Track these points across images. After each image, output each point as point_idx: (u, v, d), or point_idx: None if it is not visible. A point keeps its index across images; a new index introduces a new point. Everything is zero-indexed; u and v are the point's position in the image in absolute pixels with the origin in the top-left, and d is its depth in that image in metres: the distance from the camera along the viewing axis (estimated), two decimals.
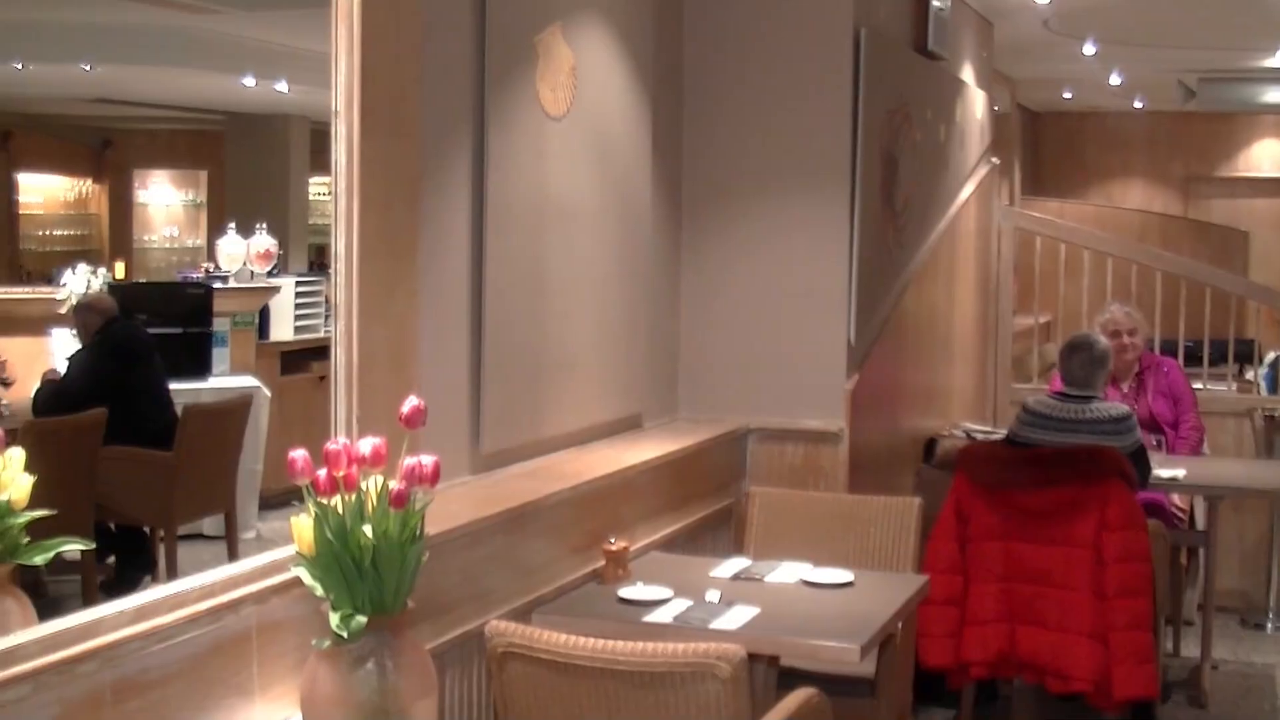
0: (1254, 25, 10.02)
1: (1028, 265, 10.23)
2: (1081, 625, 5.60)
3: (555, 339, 4.98)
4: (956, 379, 8.19)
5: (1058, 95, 14.24)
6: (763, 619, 4.16)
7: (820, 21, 5.98)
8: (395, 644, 3.10)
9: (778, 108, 6.02)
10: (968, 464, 5.86)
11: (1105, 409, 5.97)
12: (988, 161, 9.00)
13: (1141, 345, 7.63)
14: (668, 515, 5.36)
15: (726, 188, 6.08)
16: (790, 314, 6.03)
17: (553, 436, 5.02)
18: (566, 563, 4.59)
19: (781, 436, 6.03)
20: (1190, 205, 15.66)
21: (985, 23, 9.25)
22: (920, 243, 7.16)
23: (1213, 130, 15.55)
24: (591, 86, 5.13)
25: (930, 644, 5.68)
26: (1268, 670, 7.41)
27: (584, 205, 5.15)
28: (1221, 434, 8.35)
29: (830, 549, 5.24)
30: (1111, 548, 5.55)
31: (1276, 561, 8.24)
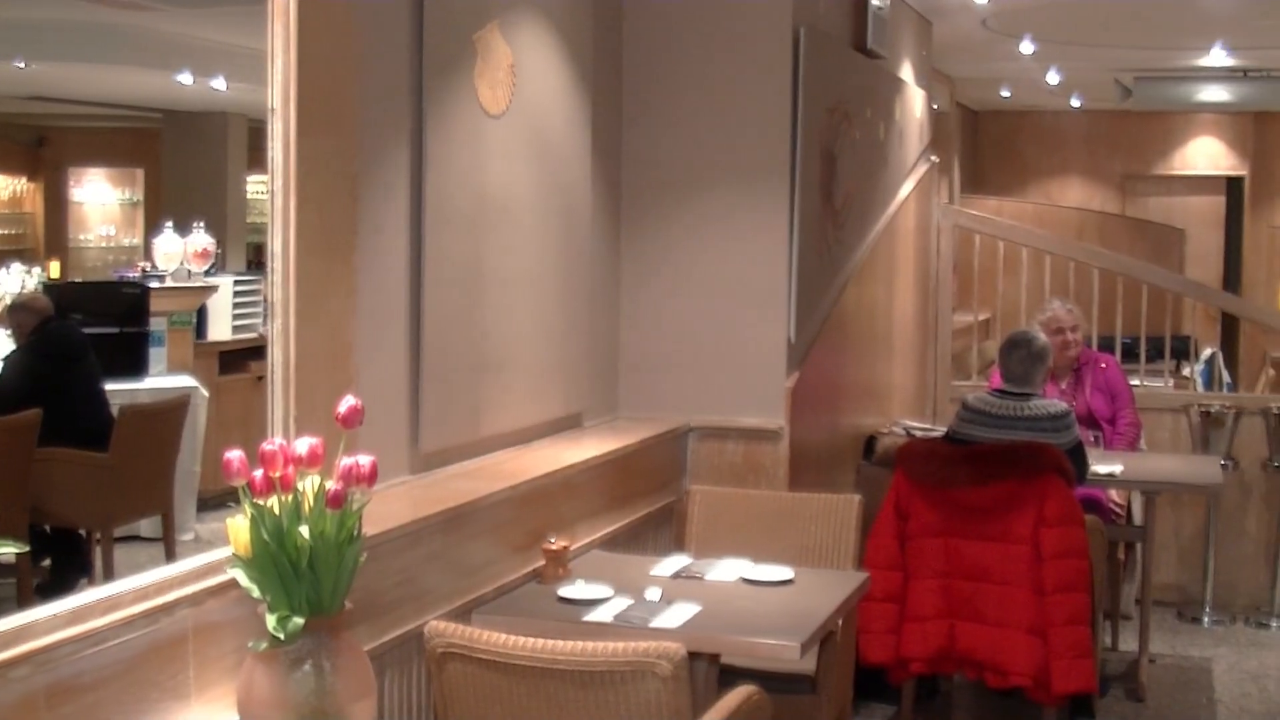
0: (1189, 25, 10.11)
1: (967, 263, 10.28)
2: (1020, 620, 5.63)
3: (495, 338, 4.97)
4: (896, 376, 8.22)
5: (996, 94, 14.31)
6: (703, 617, 4.16)
7: (760, 20, 5.99)
8: (333, 645, 3.09)
9: (717, 106, 6.02)
10: (907, 461, 5.88)
11: (1044, 406, 6.00)
12: (927, 160, 9.04)
13: (1082, 342, 7.69)
14: (608, 514, 5.35)
15: (666, 186, 6.08)
16: (730, 312, 6.04)
17: (492, 436, 5.01)
18: (506, 562, 4.58)
19: (722, 434, 6.03)
20: (1127, 203, 15.77)
21: (924, 22, 9.29)
22: (860, 241, 7.18)
23: (1149, 129, 15.66)
24: (530, 84, 5.12)
25: (870, 640, 5.70)
26: (1204, 663, 7.48)
27: (523, 203, 5.13)
28: (1158, 430, 8.41)
29: (771, 546, 5.24)
30: (1049, 543, 5.58)
31: (1213, 556, 8.32)
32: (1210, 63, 11.93)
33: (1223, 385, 10.86)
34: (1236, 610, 8.36)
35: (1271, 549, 8.34)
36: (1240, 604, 8.42)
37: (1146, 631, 7.11)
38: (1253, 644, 7.85)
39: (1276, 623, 8.14)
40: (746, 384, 6.02)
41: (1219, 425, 8.21)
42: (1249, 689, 7.09)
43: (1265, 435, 8.23)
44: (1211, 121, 15.61)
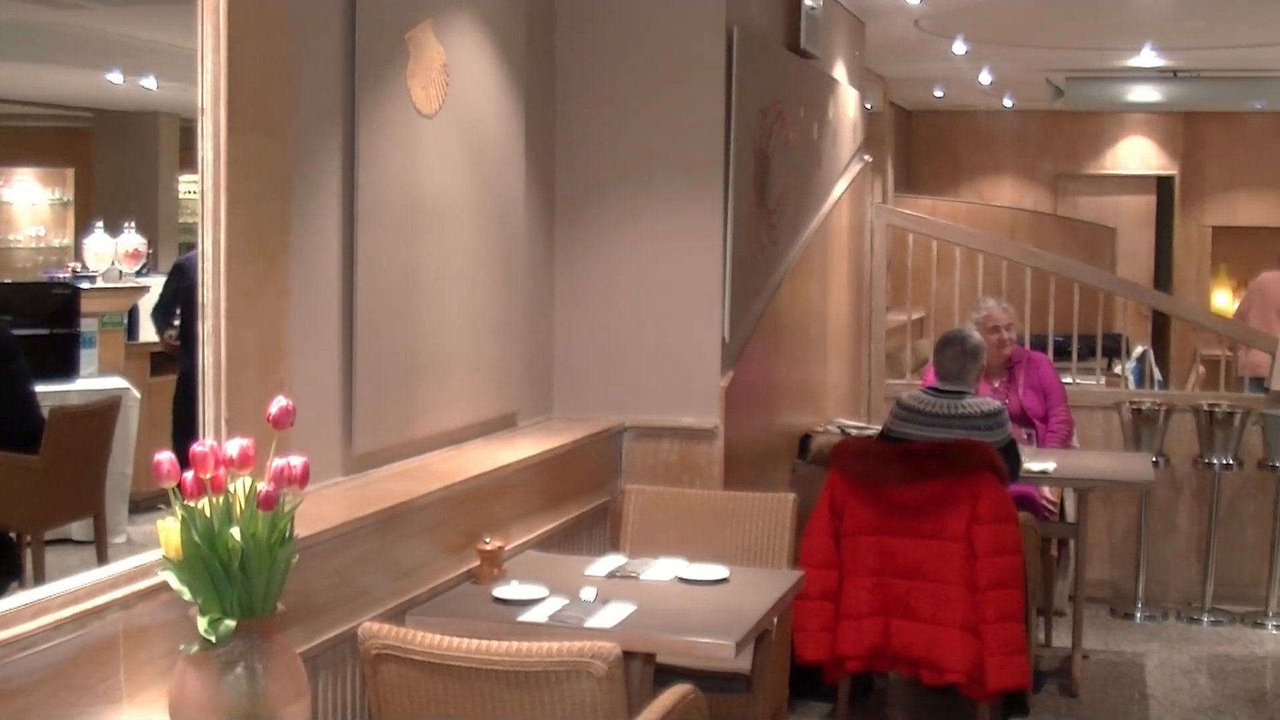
0: (1119, 25, 10.20)
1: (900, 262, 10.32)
2: (954, 618, 5.66)
3: (428, 338, 4.95)
4: (831, 375, 8.25)
5: (929, 94, 14.39)
6: (638, 616, 4.17)
7: (693, 20, 6.00)
8: (265, 647, 3.07)
9: (651, 105, 6.03)
10: (842, 459, 5.90)
11: (977, 404, 6.04)
12: (860, 159, 9.08)
13: (1015, 340, 7.74)
14: (543, 514, 5.34)
15: (600, 185, 6.08)
16: (664, 311, 6.04)
17: (427, 436, 4.99)
18: (441, 563, 4.56)
19: (657, 434, 6.04)
20: (1059, 202, 15.89)
21: (857, 22, 9.33)
22: (794, 240, 7.20)
23: (1081, 129, 15.79)
24: (463, 84, 5.11)
25: (806, 639, 5.73)
26: (1137, 659, 7.54)
27: (457, 203, 5.12)
28: (1090, 427, 8.48)
29: (706, 545, 5.25)
30: (983, 541, 5.62)
31: (1145, 552, 8.39)
32: (1140, 63, 12.04)
33: (1154, 383, 10.96)
34: (1168, 606, 8.44)
35: (1202, 545, 8.42)
36: (1172, 599, 8.50)
37: (1079, 627, 7.16)
38: (1184, 639, 7.93)
39: (1208, 618, 8.22)
40: (681, 383, 6.02)
41: (1150, 423, 8.27)
42: (1180, 684, 7.16)
43: (1196, 432, 8.30)
44: (1142, 121, 15.75)
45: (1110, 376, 10.70)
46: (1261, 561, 8.37)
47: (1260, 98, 13.23)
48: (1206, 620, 8.21)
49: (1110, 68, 12.44)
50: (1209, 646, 7.78)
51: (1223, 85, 12.85)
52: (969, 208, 14.35)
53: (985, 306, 7.76)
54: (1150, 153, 15.85)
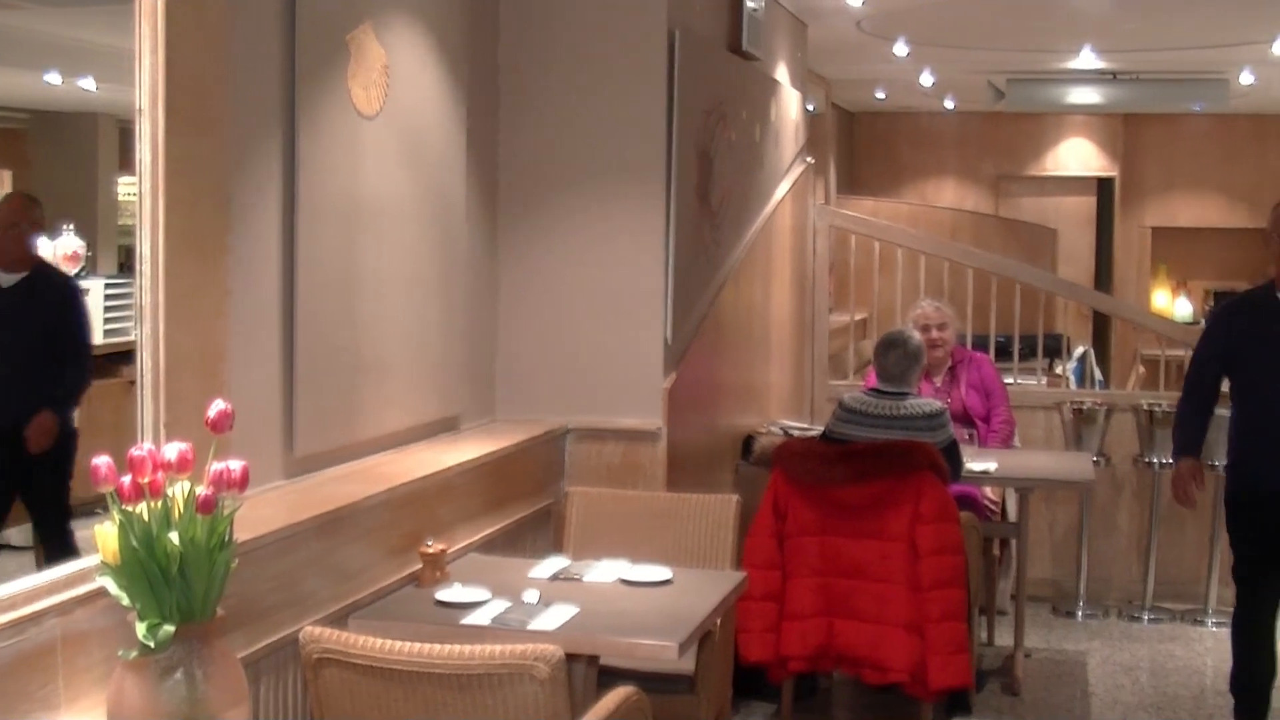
0: (1059, 28, 10.26)
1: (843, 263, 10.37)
2: (897, 617, 5.68)
3: (370, 340, 4.93)
4: (774, 376, 8.27)
5: (871, 95, 14.43)
6: (581, 618, 4.16)
7: (635, 21, 6.00)
8: (204, 653, 3.05)
9: (593, 107, 6.02)
10: (784, 460, 5.92)
11: (919, 405, 6.07)
12: (803, 161, 9.09)
13: (952, 340, 7.76)
14: (486, 516, 5.33)
15: (542, 187, 6.07)
16: (607, 313, 6.04)
17: (369, 439, 4.97)
18: (383, 566, 4.54)
19: (599, 436, 6.03)
20: (1001, 203, 15.98)
21: (799, 23, 9.35)
22: (737, 241, 7.21)
23: (1021, 130, 15.88)
24: (404, 85, 5.09)
25: (749, 639, 5.74)
26: (1078, 657, 7.60)
27: (398, 205, 5.10)
28: (1032, 427, 8.53)
29: (649, 547, 5.25)
30: (925, 540, 5.64)
31: (1086, 551, 8.45)
32: (1080, 65, 12.12)
33: (1095, 382, 11.05)
34: (1109, 604, 8.50)
35: (1143, 543, 8.48)
36: (1113, 598, 8.56)
37: (1021, 626, 7.21)
38: (1125, 637, 7.99)
39: (1149, 616, 8.29)
40: (624, 385, 6.02)
41: (1091, 422, 8.33)
42: (1122, 681, 7.21)
43: (1136, 431, 8.37)
44: (1082, 123, 15.85)
45: (1051, 376, 10.77)
46: (1201, 559, 8.44)
47: (1198, 100, 13.35)
48: (1147, 618, 8.28)
49: (1050, 70, 12.52)
50: (1150, 644, 7.84)
51: (1161, 87, 12.96)
52: (911, 209, 14.41)
53: (920, 306, 7.80)
54: (1090, 154, 15.96)
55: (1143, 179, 16.11)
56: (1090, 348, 11.82)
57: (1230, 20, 9.94)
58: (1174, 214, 16.17)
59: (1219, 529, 8.30)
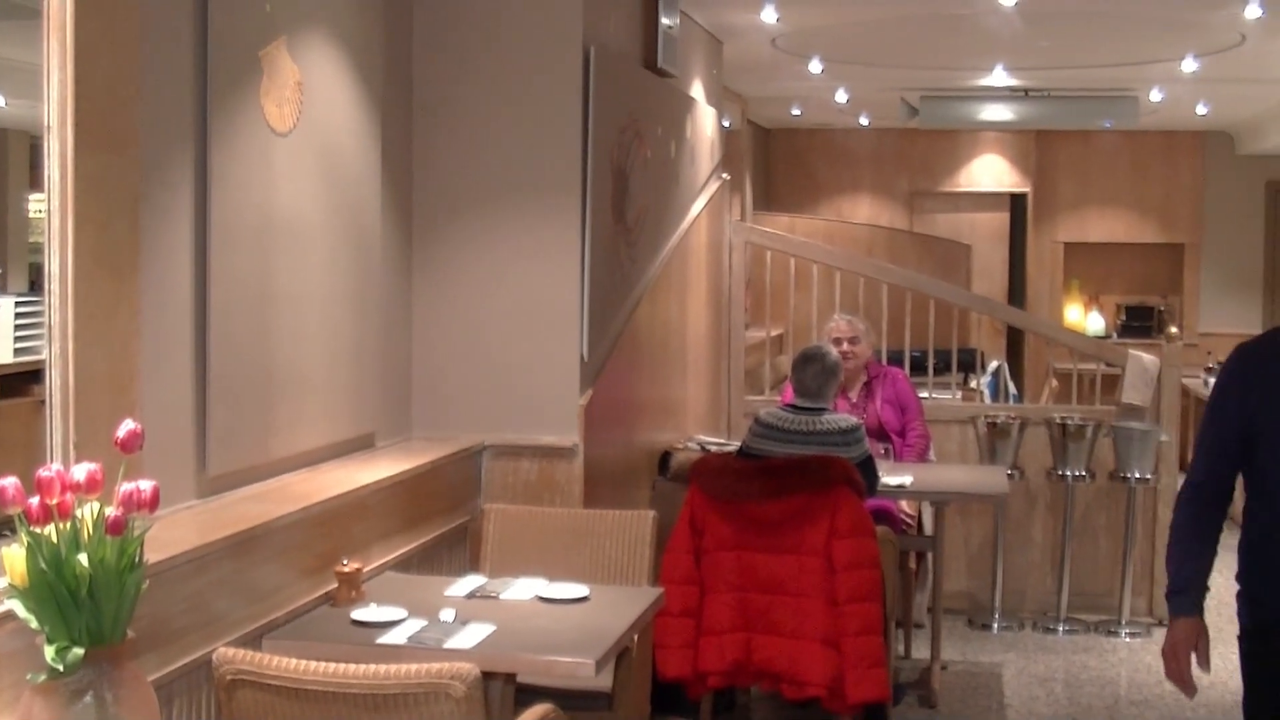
0: (971, 46, 10.35)
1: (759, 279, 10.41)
2: (814, 632, 5.70)
3: (284, 358, 4.90)
4: (690, 392, 8.28)
5: (787, 112, 14.49)
6: (498, 636, 4.16)
7: (550, 39, 6.00)
8: (115, 675, 3.01)
9: (508, 124, 6.02)
10: (701, 476, 5.92)
11: (835, 421, 6.09)
12: (719, 177, 9.12)
13: (864, 354, 7.80)
14: (402, 535, 5.30)
15: (458, 204, 6.06)
16: (523, 330, 6.03)
17: (283, 458, 4.94)
18: (298, 586, 4.51)
19: (516, 453, 6.02)
20: (915, 219, 16.06)
21: (715, 41, 9.39)
22: (653, 258, 7.22)
23: (936, 146, 15.99)
24: (318, 102, 5.06)
25: (667, 655, 5.73)
26: (994, 669, 7.65)
27: (312, 222, 5.08)
28: (947, 441, 8.59)
29: (566, 564, 5.26)
30: (842, 555, 5.66)
31: (1001, 563, 8.52)
32: (993, 83, 12.23)
33: (1008, 396, 11.13)
34: (1024, 616, 8.58)
35: (1057, 555, 8.56)
36: (1028, 610, 8.64)
37: (938, 639, 7.26)
38: (1040, 649, 8.06)
39: (1063, 627, 8.36)
40: (540, 402, 6.02)
41: (1005, 436, 8.40)
42: (1037, 693, 7.27)
43: (1049, 445, 8.45)
44: (995, 139, 15.99)
45: (966, 391, 10.84)
46: (1114, 571, 8.54)
47: (1109, 116, 13.49)
48: (1062, 629, 8.36)
49: (963, 87, 12.62)
50: (1064, 655, 7.91)
51: (1073, 104, 13.09)
52: (827, 225, 14.48)
53: (833, 319, 7.85)
54: (1004, 170, 16.09)
55: (1055, 195, 16.26)
56: (1004, 362, 11.90)
57: (1140, 39, 10.07)
58: (1086, 229, 16.34)
59: (1132, 540, 8.41)
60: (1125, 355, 8.67)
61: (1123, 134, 15.68)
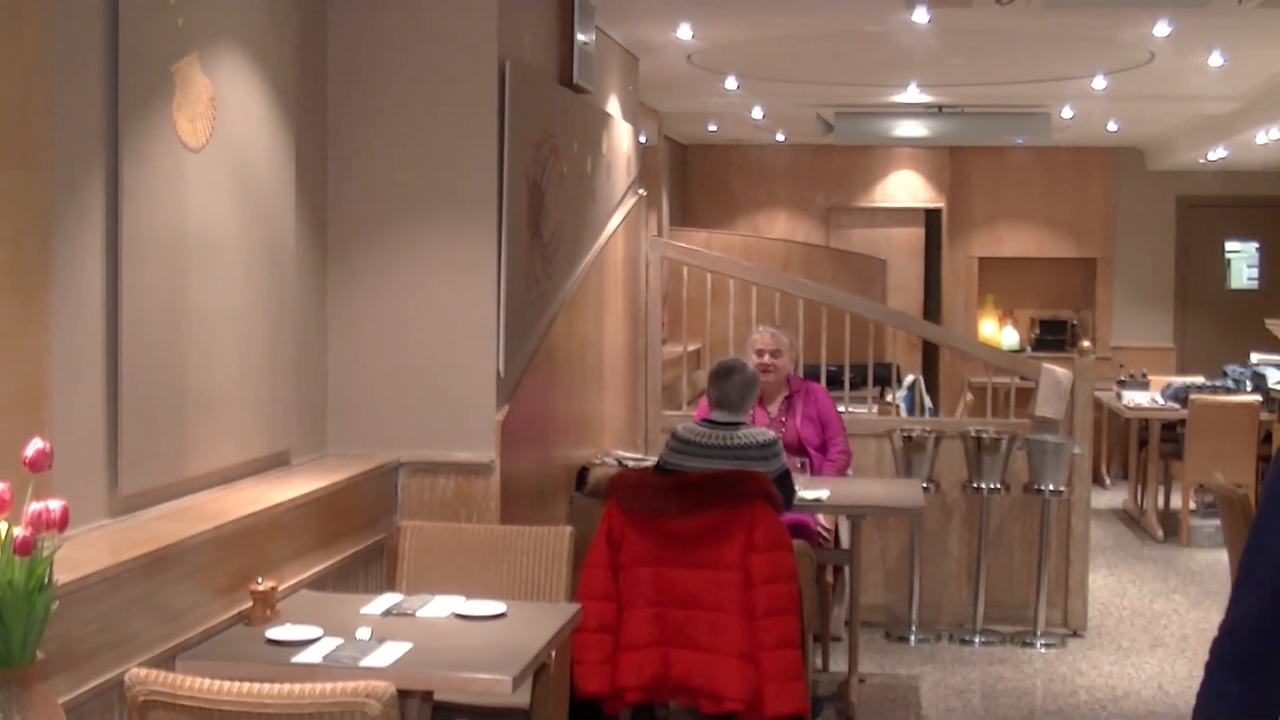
0: (885, 63, 10.43)
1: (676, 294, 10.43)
2: (732, 646, 5.71)
3: (197, 376, 4.86)
4: (608, 407, 8.28)
5: (703, 128, 14.54)
6: (415, 654, 4.14)
7: (465, 54, 6.00)
8: (24, 698, 2.98)
9: (423, 140, 6.01)
10: (618, 491, 5.92)
11: (753, 435, 6.11)
12: (635, 193, 9.14)
13: (786, 368, 7.84)
14: (317, 553, 5.27)
15: (373, 220, 6.03)
16: (439, 346, 6.02)
17: (197, 476, 4.90)
18: (212, 605, 4.47)
19: (433, 469, 6.00)
20: (831, 235, 16.15)
21: (631, 57, 9.41)
22: (569, 273, 7.23)
23: (851, 162, 16.09)
24: (232, 117, 5.03)
25: (585, 671, 5.73)
26: (912, 681, 7.70)
27: (226, 238, 5.04)
28: (863, 455, 8.64)
29: (483, 581, 5.24)
30: (759, 569, 5.68)
31: (918, 576, 8.57)
32: (907, 99, 12.33)
33: (924, 410, 11.22)
34: (941, 628, 8.63)
35: (973, 568, 8.62)
36: (945, 622, 8.70)
37: (855, 652, 7.29)
38: (957, 660, 8.11)
39: (979, 639, 8.42)
40: (457, 418, 6.00)
41: (920, 449, 8.46)
42: (954, 704, 7.32)
43: (964, 458, 8.51)
44: (909, 156, 16.11)
45: (882, 405, 10.92)
46: (1029, 582, 8.61)
47: (1021, 133, 13.64)
48: (978, 641, 8.42)
49: (878, 103, 12.72)
50: (981, 667, 7.97)
51: (985, 121, 13.22)
52: (744, 240, 14.53)
53: (757, 331, 7.89)
54: (918, 186, 16.22)
55: (969, 210, 16.41)
56: (920, 376, 11.99)
57: (1051, 56, 10.19)
58: (1000, 244, 16.50)
59: (1046, 551, 8.49)
60: (1039, 369, 8.76)
61: (1035, 150, 15.86)
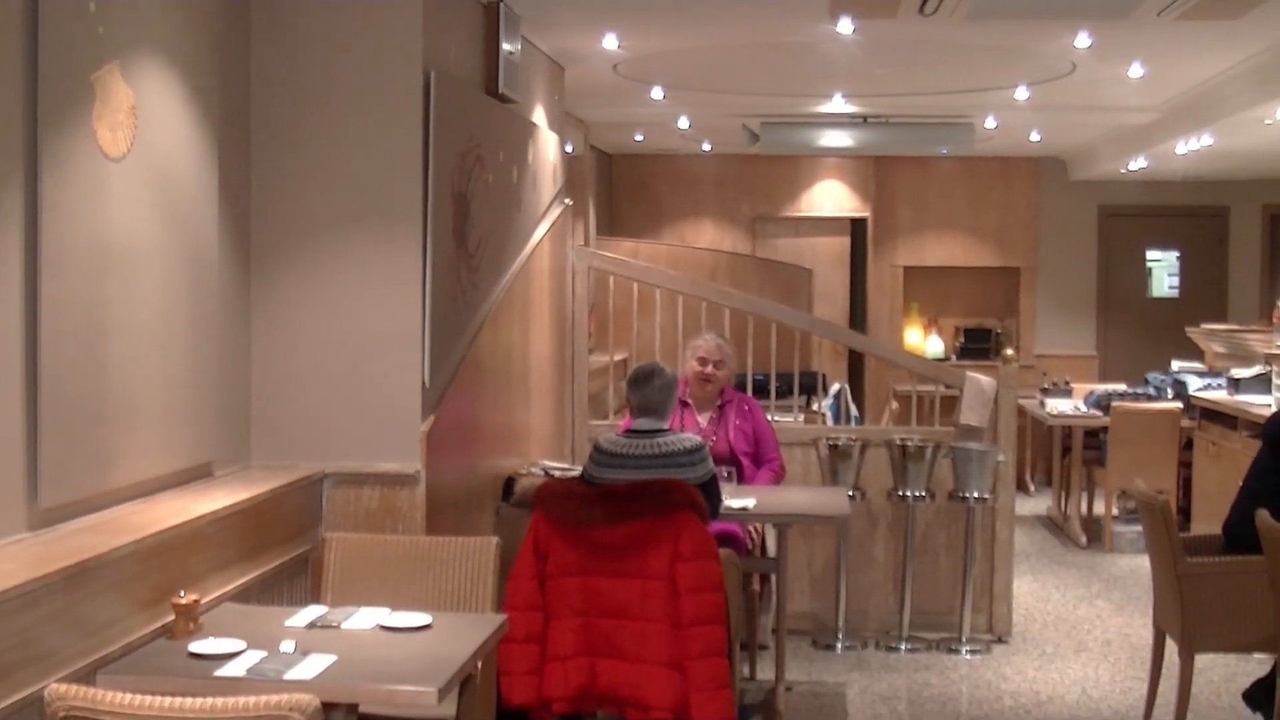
0: (810, 73, 10.47)
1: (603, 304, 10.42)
2: (659, 655, 5.71)
3: (118, 387, 4.82)
4: (534, 417, 8.27)
5: (630, 138, 14.55)
6: (339, 666, 4.12)
7: (390, 64, 5.98)
8: None
9: (348, 150, 5.98)
10: (545, 501, 5.91)
11: (678, 441, 6.12)
12: (561, 202, 9.13)
13: (726, 379, 7.85)
14: (241, 565, 5.23)
15: (298, 230, 6.00)
16: (364, 356, 5.99)
17: (118, 488, 4.86)
18: (134, 619, 4.43)
19: (358, 480, 5.97)
20: (758, 244, 16.19)
21: (556, 67, 9.41)
22: (495, 283, 7.21)
23: (777, 172, 16.13)
24: (153, 126, 4.99)
25: (512, 682, 5.71)
26: (839, 689, 7.72)
27: (147, 248, 5.00)
28: (790, 463, 8.64)
29: (409, 592, 5.23)
30: (685, 578, 5.68)
31: (844, 584, 8.59)
32: (832, 109, 12.38)
33: (850, 419, 11.26)
34: (867, 635, 8.66)
35: (898, 575, 8.66)
36: (871, 629, 8.72)
37: (782, 660, 7.31)
38: (883, 667, 8.14)
39: (905, 646, 8.46)
40: (382, 429, 5.98)
41: (846, 457, 8.49)
42: (880, 711, 7.35)
43: (890, 466, 8.55)
44: (835, 165, 16.18)
45: (808, 413, 10.96)
46: (954, 589, 8.66)
47: (945, 143, 13.72)
48: (904, 648, 8.45)
49: (803, 113, 12.76)
50: (907, 673, 8.00)
51: (910, 131, 13.30)
52: (670, 250, 14.54)
53: (701, 337, 7.89)
54: (844, 195, 16.29)
55: (894, 220, 16.51)
56: (845, 385, 12.02)
57: (974, 68, 10.27)
58: (925, 254, 16.61)
59: (971, 558, 8.54)
60: (963, 377, 8.81)
61: (960, 160, 15.98)
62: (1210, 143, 11.58)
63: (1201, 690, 7.33)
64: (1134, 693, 7.49)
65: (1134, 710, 7.21)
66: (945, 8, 7.72)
